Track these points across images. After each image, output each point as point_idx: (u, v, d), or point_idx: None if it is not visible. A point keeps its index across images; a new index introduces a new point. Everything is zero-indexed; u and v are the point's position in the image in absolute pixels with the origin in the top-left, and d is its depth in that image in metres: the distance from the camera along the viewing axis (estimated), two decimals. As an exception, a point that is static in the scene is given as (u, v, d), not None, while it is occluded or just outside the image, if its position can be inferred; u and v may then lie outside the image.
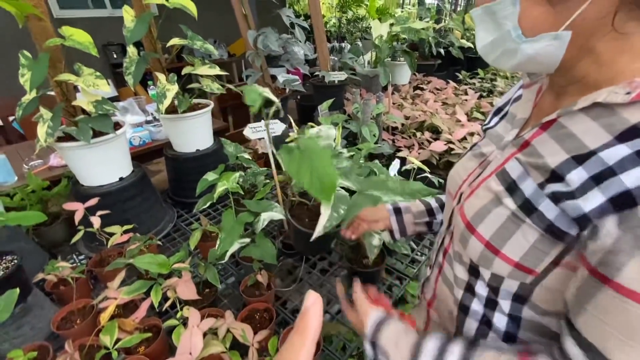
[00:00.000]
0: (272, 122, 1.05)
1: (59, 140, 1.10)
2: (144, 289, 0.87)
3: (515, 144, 0.45)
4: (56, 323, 0.88)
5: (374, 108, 1.59)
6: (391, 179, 0.72)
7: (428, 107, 2.00)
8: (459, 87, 2.60)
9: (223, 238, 0.90)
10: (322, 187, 0.48)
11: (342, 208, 0.66)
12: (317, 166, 0.49)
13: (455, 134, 1.60)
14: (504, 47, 0.39)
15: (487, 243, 0.43)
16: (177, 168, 1.49)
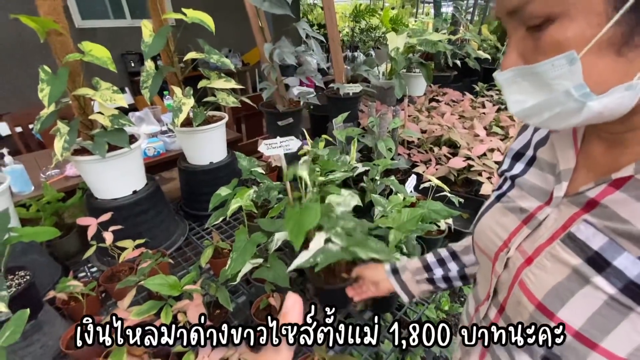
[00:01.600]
0: (288, 139, 1.03)
1: (75, 154, 1.10)
2: (155, 310, 0.85)
3: (576, 203, 0.39)
4: (65, 342, 0.86)
5: (390, 122, 1.56)
6: (373, 241, 0.77)
7: (445, 120, 1.96)
8: (475, 99, 2.54)
9: (234, 258, 0.88)
10: (297, 234, 0.63)
11: (320, 257, 0.75)
12: (302, 219, 0.65)
13: (474, 150, 1.55)
14: (561, 108, 0.34)
15: (577, 334, 0.36)
16: (190, 181, 1.48)
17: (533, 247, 0.42)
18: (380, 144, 1.47)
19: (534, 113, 0.36)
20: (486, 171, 1.47)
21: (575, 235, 0.38)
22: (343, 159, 1.45)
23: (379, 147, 1.45)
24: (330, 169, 1.32)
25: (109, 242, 0.98)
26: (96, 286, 0.99)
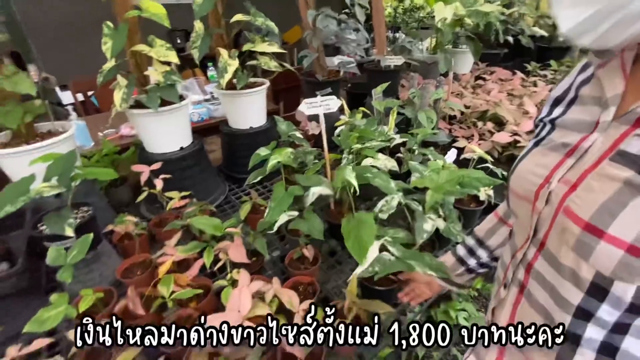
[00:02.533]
0: (328, 98, 1.04)
1: (131, 108, 1.19)
2: (198, 249, 0.91)
3: (625, 122, 0.38)
4: (120, 272, 0.96)
5: (432, 94, 1.51)
6: (428, 255, 0.79)
7: (491, 97, 1.85)
8: (527, 78, 2.37)
9: (273, 207, 0.92)
10: (359, 251, 0.76)
11: (378, 266, 0.79)
12: (361, 234, 0.78)
13: (522, 126, 1.47)
14: (623, 13, 0.31)
15: (631, 247, 0.34)
16: (231, 144, 1.55)
17: (577, 174, 0.40)
18: (420, 114, 1.43)
19: (590, 27, 0.34)
20: (534, 147, 1.39)
21: (625, 151, 0.36)
22: (380, 130, 1.44)
23: (419, 117, 1.42)
24: (367, 137, 1.31)
25: (159, 188, 1.06)
26: (147, 227, 1.08)
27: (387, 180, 0.97)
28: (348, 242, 0.78)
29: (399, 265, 0.77)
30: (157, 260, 0.93)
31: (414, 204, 0.91)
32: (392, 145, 1.40)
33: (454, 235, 0.88)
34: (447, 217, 0.92)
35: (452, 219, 0.92)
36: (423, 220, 0.87)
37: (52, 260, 0.78)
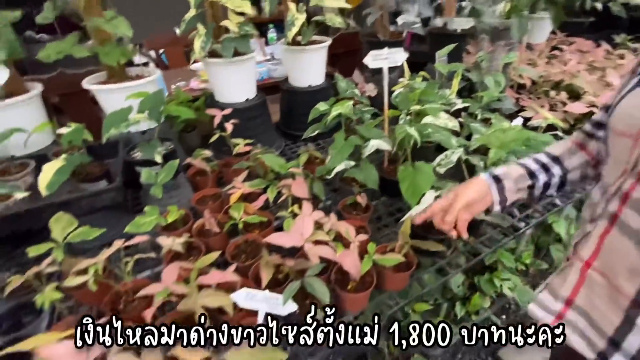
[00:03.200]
0: (395, 50, 1.04)
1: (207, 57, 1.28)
2: (263, 185, 1.01)
3: None
4: (194, 201, 1.09)
5: (503, 58, 1.42)
6: None
7: (568, 67, 1.70)
8: (613, 51, 2.12)
9: (334, 155, 0.97)
10: (412, 195, 0.84)
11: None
12: (417, 180, 0.84)
13: (601, 98, 1.35)
14: None
15: None
16: (290, 101, 1.61)
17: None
18: (488, 78, 1.37)
19: None
20: (613, 120, 1.27)
21: None
22: (442, 93, 1.40)
23: (486, 81, 1.36)
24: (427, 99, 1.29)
25: (229, 131, 1.16)
26: (217, 165, 1.20)
27: (449, 135, 0.97)
28: (403, 186, 0.81)
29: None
30: (226, 193, 1.04)
31: (476, 158, 0.91)
32: (452, 110, 1.37)
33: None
34: (508, 177, 0.91)
35: (513, 179, 0.90)
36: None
37: (145, 179, 0.91)
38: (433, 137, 0.94)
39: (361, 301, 0.77)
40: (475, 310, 1.33)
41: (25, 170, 1.02)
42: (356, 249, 0.74)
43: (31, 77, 1.44)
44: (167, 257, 0.86)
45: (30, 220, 0.92)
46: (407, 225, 0.78)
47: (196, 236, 0.93)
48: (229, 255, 0.87)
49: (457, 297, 1.34)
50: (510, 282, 1.31)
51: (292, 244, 0.72)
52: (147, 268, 0.94)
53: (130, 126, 0.93)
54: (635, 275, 0.48)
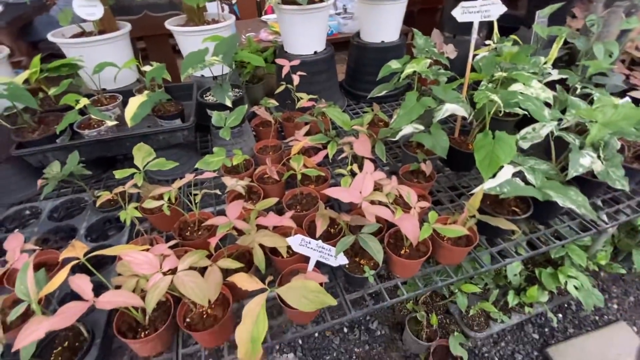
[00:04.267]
0: (489, 2, 0.91)
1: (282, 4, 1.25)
2: (324, 140, 0.99)
3: None
4: (257, 149, 1.12)
5: (622, 22, 1.18)
6: (574, 190, 0.72)
7: None
8: None
9: (401, 115, 0.91)
10: (488, 167, 0.73)
11: (507, 187, 0.74)
12: (496, 150, 0.74)
13: None
14: None
15: None
16: (359, 58, 1.53)
17: None
18: (597, 46, 1.15)
19: None
20: None
21: None
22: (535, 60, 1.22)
23: (595, 49, 1.14)
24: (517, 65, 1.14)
25: (296, 83, 1.15)
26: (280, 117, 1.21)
27: (541, 105, 0.85)
28: (479, 155, 0.74)
29: (534, 191, 0.71)
30: (287, 145, 1.05)
31: (570, 136, 0.79)
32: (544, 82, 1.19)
33: (613, 180, 0.75)
34: (607, 159, 0.78)
35: (614, 163, 0.77)
36: (580, 154, 0.75)
37: (216, 121, 0.95)
38: (524, 104, 0.83)
39: (412, 268, 0.75)
40: (530, 303, 1.24)
41: (115, 102, 1.13)
42: (416, 214, 0.71)
43: (119, 18, 1.54)
44: (229, 196, 0.91)
45: (117, 147, 1.02)
46: (478, 198, 0.72)
47: (257, 181, 0.96)
48: (285, 204, 0.89)
49: (512, 286, 1.25)
50: (577, 280, 1.19)
51: (350, 200, 0.70)
52: (211, 205, 1.01)
53: (205, 67, 0.95)
54: None
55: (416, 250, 0.76)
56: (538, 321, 1.35)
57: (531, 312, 1.28)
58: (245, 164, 1.02)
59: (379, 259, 0.64)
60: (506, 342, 1.31)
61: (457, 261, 0.81)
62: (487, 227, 0.84)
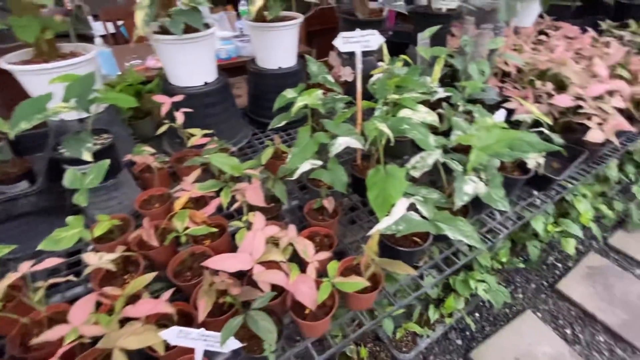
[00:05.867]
0: (368, 32, 0.90)
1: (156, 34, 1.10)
2: (216, 187, 0.88)
3: None
4: (139, 202, 0.95)
5: (489, 43, 1.31)
6: (462, 220, 0.73)
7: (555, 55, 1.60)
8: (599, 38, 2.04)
9: (295, 153, 0.85)
10: (382, 205, 0.69)
11: (402, 224, 0.71)
12: (387, 188, 0.70)
13: (589, 90, 1.26)
14: None
15: None
16: (257, 84, 1.45)
17: None
18: (472, 65, 1.26)
19: None
20: (598, 116, 1.20)
21: None
22: (422, 80, 1.28)
23: (470, 69, 1.24)
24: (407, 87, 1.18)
25: (179, 122, 1.01)
26: (167, 161, 1.05)
27: (426, 134, 0.86)
28: (371, 194, 0.71)
29: (426, 226, 0.70)
30: (174, 195, 0.91)
31: (454, 163, 0.81)
32: (433, 100, 1.26)
33: (495, 202, 0.78)
34: (489, 182, 0.82)
35: (495, 184, 0.81)
36: (463, 181, 0.77)
37: (69, 182, 0.76)
38: (410, 133, 0.83)
39: (321, 328, 0.68)
40: (449, 312, 1.28)
41: None
42: (314, 271, 0.64)
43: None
44: (96, 276, 0.73)
45: None
46: (374, 240, 0.68)
47: (136, 248, 0.80)
48: (172, 272, 0.75)
49: (432, 299, 1.28)
50: (485, 283, 1.26)
51: (239, 268, 0.60)
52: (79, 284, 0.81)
53: (48, 117, 0.76)
54: None
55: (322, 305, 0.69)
56: (459, 326, 1.41)
57: (452, 321, 1.33)
58: (122, 225, 0.85)
59: (272, 340, 0.55)
60: (434, 355, 1.33)
61: (368, 305, 0.76)
62: (391, 256, 0.82)
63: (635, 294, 1.55)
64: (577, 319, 1.46)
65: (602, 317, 1.44)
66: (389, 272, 0.71)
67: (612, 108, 1.23)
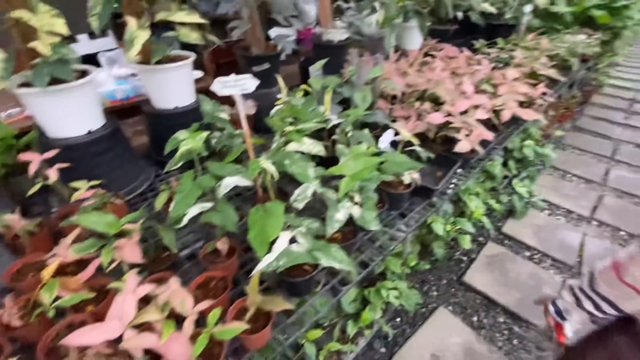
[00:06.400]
0: (243, 77, 0.95)
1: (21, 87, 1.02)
2: (94, 248, 0.83)
3: None
4: (10, 275, 0.86)
5: (369, 72, 1.45)
6: (334, 247, 0.79)
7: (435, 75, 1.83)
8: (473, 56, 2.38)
9: (178, 201, 0.84)
10: (261, 244, 0.73)
11: (283, 259, 0.74)
12: (266, 226, 0.74)
13: (456, 106, 1.47)
14: None
15: None
16: (155, 125, 1.42)
17: None
18: (356, 93, 1.38)
19: None
20: (465, 128, 1.40)
21: None
22: (317, 110, 1.37)
23: (355, 97, 1.37)
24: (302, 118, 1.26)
25: (52, 180, 0.95)
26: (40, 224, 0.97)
27: (305, 167, 0.92)
28: (251, 234, 0.74)
29: (304, 257, 0.74)
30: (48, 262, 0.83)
31: (330, 192, 0.88)
32: (329, 127, 1.35)
33: (368, 223, 0.86)
34: (364, 204, 0.90)
35: (368, 206, 0.90)
36: (336, 209, 0.84)
37: None
38: (290, 169, 0.88)
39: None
40: (368, 324, 1.35)
41: None
42: (191, 325, 0.64)
43: None
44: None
45: None
46: (255, 281, 0.71)
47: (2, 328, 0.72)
48: (43, 352, 0.69)
49: (350, 315, 1.34)
50: (396, 290, 1.36)
51: (105, 338, 0.58)
52: None
53: None
54: None
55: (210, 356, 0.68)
56: (382, 334, 1.49)
57: (371, 332, 1.40)
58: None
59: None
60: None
61: (262, 344, 0.77)
62: (288, 287, 0.85)
63: (526, 273, 1.80)
64: (482, 305, 1.65)
65: (501, 300, 1.64)
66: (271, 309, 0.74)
67: (476, 120, 1.45)
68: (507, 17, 2.92)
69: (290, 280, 0.85)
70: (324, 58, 1.68)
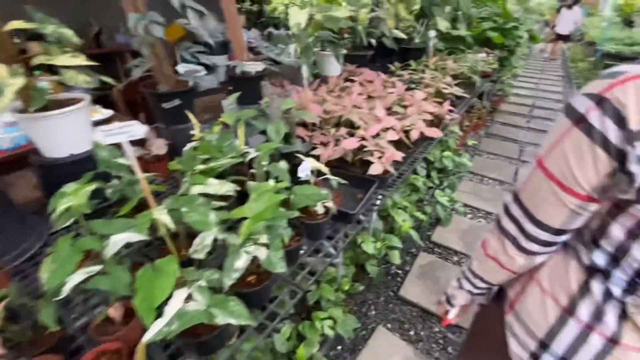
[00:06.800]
0: (128, 124, 0.89)
1: None
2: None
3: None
4: None
5: (282, 103, 1.47)
6: (233, 300, 0.75)
7: (352, 100, 1.92)
8: (388, 79, 2.56)
9: (53, 270, 0.74)
10: (148, 311, 0.65)
11: (176, 323, 0.68)
12: (153, 288, 0.67)
13: (369, 130, 1.54)
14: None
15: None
16: (46, 177, 1.27)
17: None
18: (269, 127, 1.38)
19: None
20: (378, 151, 1.47)
21: None
22: (233, 144, 1.34)
23: (268, 130, 1.36)
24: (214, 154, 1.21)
25: None
26: None
27: (206, 213, 0.87)
28: (136, 300, 0.66)
29: (200, 317, 0.69)
30: None
31: (232, 237, 0.84)
32: (248, 160, 1.32)
33: (274, 265, 0.84)
34: (271, 244, 0.87)
35: (275, 246, 0.87)
36: (236, 256, 0.80)
37: None
38: (186, 217, 0.83)
39: None
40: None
41: None
42: None
43: None
44: None
45: None
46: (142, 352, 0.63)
47: None
48: None
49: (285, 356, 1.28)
50: (330, 320, 1.34)
51: None
52: None
53: None
54: None
55: None
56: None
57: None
58: None
59: None
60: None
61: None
62: (197, 348, 0.78)
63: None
64: (418, 317, 1.69)
65: (434, 309, 1.71)
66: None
67: (388, 142, 1.53)
68: (416, 42, 3.21)
69: (196, 341, 0.78)
70: (242, 90, 1.67)
